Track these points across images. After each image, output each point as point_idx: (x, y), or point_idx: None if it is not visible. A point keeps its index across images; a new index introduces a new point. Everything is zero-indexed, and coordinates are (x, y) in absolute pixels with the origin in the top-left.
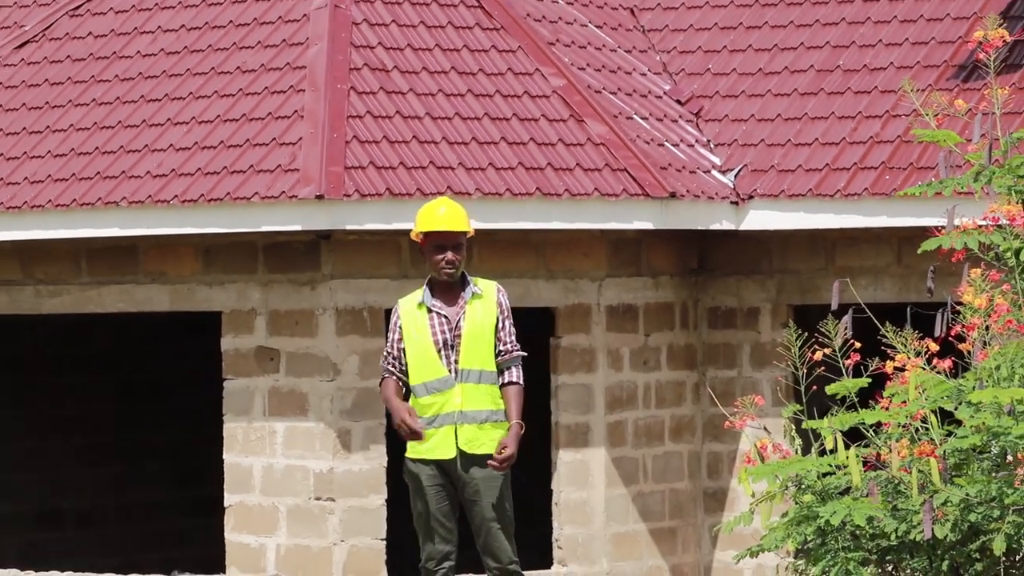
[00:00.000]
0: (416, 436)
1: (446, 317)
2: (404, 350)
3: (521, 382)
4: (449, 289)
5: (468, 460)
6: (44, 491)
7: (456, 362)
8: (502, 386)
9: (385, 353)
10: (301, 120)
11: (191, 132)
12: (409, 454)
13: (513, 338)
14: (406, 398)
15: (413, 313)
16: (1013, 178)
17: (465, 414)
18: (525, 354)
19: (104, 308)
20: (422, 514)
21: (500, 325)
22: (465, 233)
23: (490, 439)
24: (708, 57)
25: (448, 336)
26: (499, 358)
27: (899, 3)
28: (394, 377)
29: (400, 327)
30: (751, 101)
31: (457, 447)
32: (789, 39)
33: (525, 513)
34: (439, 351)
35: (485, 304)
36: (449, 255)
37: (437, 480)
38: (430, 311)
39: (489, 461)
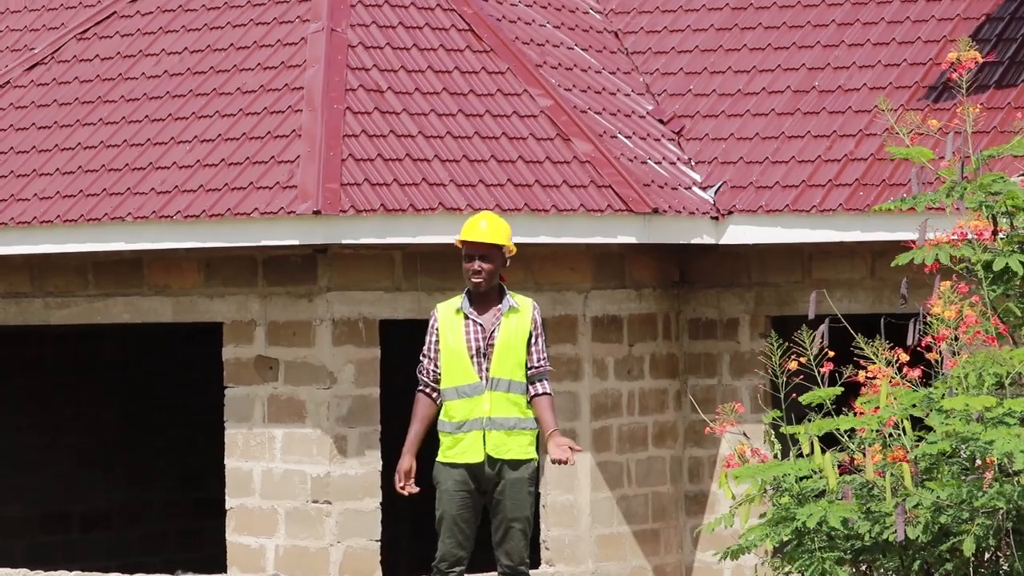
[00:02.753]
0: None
1: (481, 325)
2: (440, 352)
3: (551, 393)
4: (487, 299)
5: (495, 464)
6: (52, 494)
7: (487, 370)
8: (534, 397)
9: (422, 356)
10: (299, 139)
11: (194, 150)
12: (439, 458)
13: (545, 354)
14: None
15: (450, 318)
16: (984, 194)
17: (493, 420)
18: (552, 369)
19: (110, 319)
20: (443, 515)
21: (533, 341)
22: (498, 247)
23: (517, 444)
24: (689, 78)
25: (482, 344)
26: (530, 371)
27: (872, 27)
28: (427, 392)
29: (437, 330)
30: (730, 120)
31: (485, 452)
32: (767, 61)
33: None
34: (472, 357)
35: (520, 319)
36: (476, 265)
37: (464, 486)
38: (467, 318)
39: (566, 458)
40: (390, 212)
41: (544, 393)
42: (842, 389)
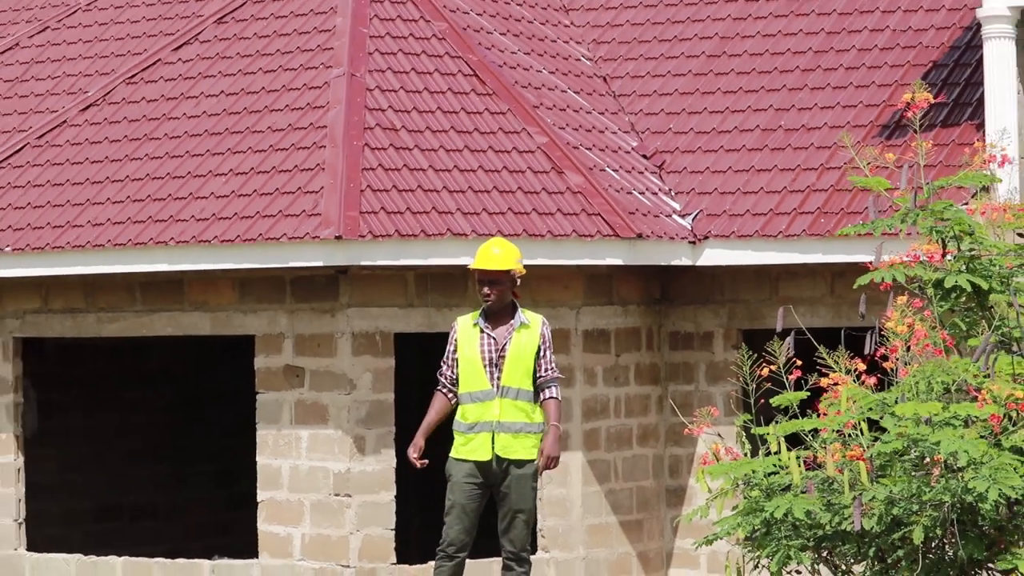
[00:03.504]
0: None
1: (494, 339)
2: (457, 360)
3: (560, 398)
4: (500, 315)
5: (502, 462)
6: (104, 489)
7: (499, 379)
8: (544, 400)
9: (442, 362)
10: (322, 172)
11: (229, 182)
12: (452, 454)
13: (553, 364)
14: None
15: (468, 331)
16: (934, 220)
17: (502, 424)
18: (562, 376)
19: (155, 332)
20: (453, 504)
21: (541, 353)
22: (506, 272)
23: (522, 446)
24: (669, 118)
25: (494, 356)
26: (539, 379)
27: (832, 72)
28: (444, 391)
29: (456, 340)
30: (706, 156)
31: (493, 452)
32: (739, 103)
33: None
34: (485, 367)
35: (530, 333)
36: (486, 289)
37: (473, 479)
38: (482, 332)
39: (540, 465)
40: (404, 237)
41: (552, 397)
42: (807, 394)
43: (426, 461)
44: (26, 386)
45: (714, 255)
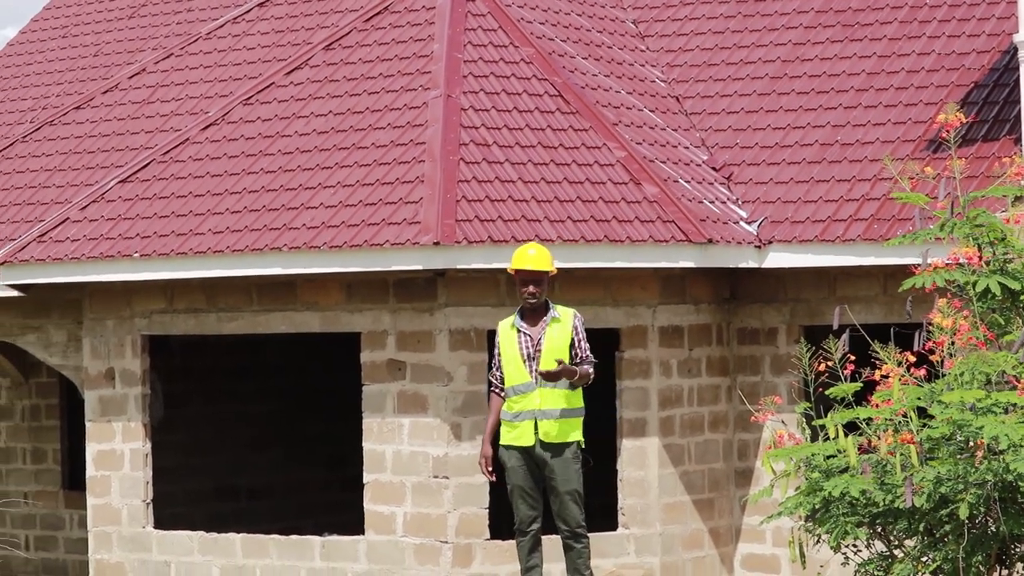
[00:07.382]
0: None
1: (529, 336)
2: (501, 359)
3: (591, 370)
4: (534, 313)
5: (545, 447)
6: (224, 471)
7: (536, 371)
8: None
9: (491, 364)
10: (422, 184)
11: (337, 193)
12: (501, 441)
13: (587, 351)
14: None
15: (507, 332)
16: (970, 228)
17: (544, 411)
18: (596, 361)
19: (270, 330)
20: (513, 487)
21: (575, 344)
22: (546, 272)
23: (563, 431)
24: (736, 134)
25: (531, 351)
26: (575, 362)
27: (884, 92)
28: (496, 391)
29: (499, 343)
30: (770, 168)
31: (537, 437)
32: (799, 120)
33: (599, 487)
34: (524, 362)
35: (562, 327)
36: (531, 288)
37: (523, 461)
38: (519, 331)
39: (548, 370)
40: (495, 243)
41: (585, 367)
42: (861, 385)
43: (494, 477)
44: (153, 379)
45: (777, 258)
